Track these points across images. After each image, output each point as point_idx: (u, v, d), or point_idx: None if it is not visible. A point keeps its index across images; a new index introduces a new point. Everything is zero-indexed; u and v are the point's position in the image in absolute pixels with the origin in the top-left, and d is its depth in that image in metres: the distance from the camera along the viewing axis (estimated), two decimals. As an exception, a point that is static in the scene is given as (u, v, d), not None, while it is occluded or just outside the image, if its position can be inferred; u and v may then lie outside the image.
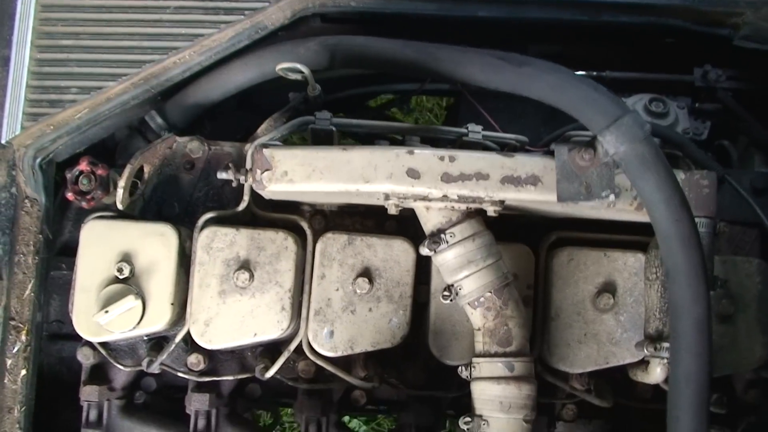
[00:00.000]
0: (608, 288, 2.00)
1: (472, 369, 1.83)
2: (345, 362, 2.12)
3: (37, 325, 2.29)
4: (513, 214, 1.99)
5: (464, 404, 1.96)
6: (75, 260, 2.15)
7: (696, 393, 1.66)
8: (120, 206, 2.08)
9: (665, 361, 1.89)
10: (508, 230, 2.00)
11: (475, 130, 2.07)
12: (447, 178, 1.81)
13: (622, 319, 1.99)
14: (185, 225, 2.11)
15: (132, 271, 2.01)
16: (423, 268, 2.06)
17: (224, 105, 2.35)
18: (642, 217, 1.90)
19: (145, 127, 2.30)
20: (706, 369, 1.66)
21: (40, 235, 2.26)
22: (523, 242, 2.05)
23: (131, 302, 1.98)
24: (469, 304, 1.83)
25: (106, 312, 1.97)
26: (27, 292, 2.26)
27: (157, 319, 2.01)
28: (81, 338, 2.28)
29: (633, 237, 2.05)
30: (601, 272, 2.01)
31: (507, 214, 1.96)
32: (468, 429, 1.82)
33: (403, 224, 2.14)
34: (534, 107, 2.37)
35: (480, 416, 1.79)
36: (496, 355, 1.80)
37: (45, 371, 2.36)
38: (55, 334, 2.41)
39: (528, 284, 2.01)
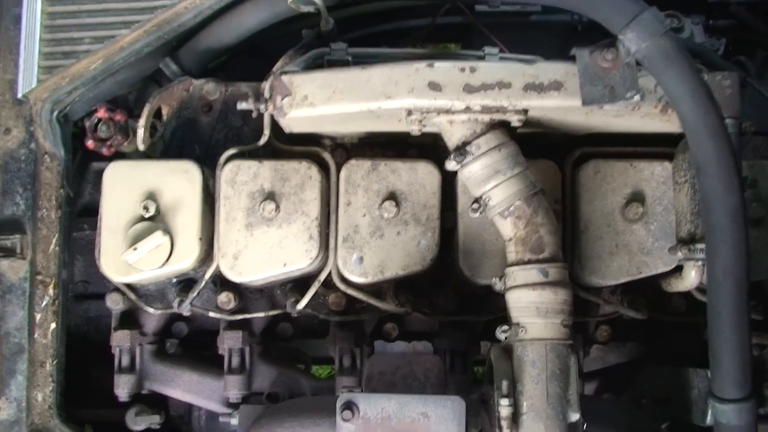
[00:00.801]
0: (636, 198, 1.98)
1: (506, 279, 1.82)
2: (376, 293, 2.11)
3: (63, 282, 2.29)
4: (536, 132, 1.98)
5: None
6: (97, 220, 2.16)
7: (736, 285, 1.64)
8: (141, 146, 2.08)
9: (700, 263, 1.88)
10: (533, 150, 1.98)
11: (491, 53, 2.06)
12: (469, 89, 1.81)
13: (653, 228, 1.98)
14: (206, 166, 2.11)
15: (158, 209, 2.01)
16: (447, 193, 2.05)
17: (237, 51, 2.35)
18: (666, 123, 1.90)
19: (161, 76, 2.29)
20: (744, 260, 1.64)
21: (62, 190, 2.26)
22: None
23: (159, 239, 1.97)
24: (499, 214, 1.82)
25: (135, 249, 1.97)
26: (52, 246, 2.26)
27: (186, 256, 2.01)
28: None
29: (657, 149, 2.04)
30: (628, 183, 2.00)
31: (530, 132, 1.96)
32: (506, 337, 1.81)
33: (424, 152, 2.13)
34: (549, 35, 2.37)
35: (517, 324, 1.78)
36: (529, 262, 1.79)
37: (72, 332, 2.36)
38: (80, 295, 2.42)
39: (556, 199, 2.00)
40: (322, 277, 2.05)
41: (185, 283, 2.20)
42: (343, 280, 2.07)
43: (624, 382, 2.29)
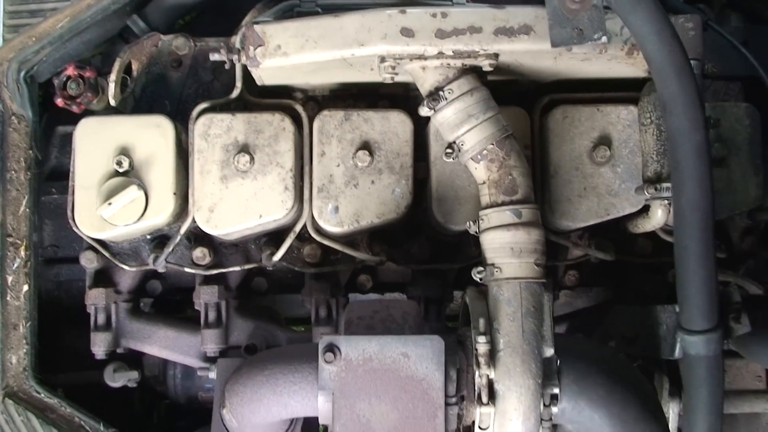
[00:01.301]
0: (604, 141, 2.03)
1: (481, 222, 1.86)
2: (350, 245, 2.14)
3: (34, 244, 2.28)
4: (506, 79, 2.02)
5: (470, 278, 1.99)
6: (65, 184, 2.15)
7: (702, 219, 1.69)
8: (112, 102, 2.07)
9: (666, 202, 1.93)
10: (503, 99, 2.02)
11: (459, 2, 2.09)
12: (441, 34, 1.83)
13: (620, 170, 2.03)
14: (178, 122, 2.10)
15: (131, 164, 2.01)
16: (419, 144, 2.08)
17: (203, 9, 2.35)
18: (632, 67, 1.95)
19: (128, 34, 2.28)
20: (709, 195, 1.69)
21: (31, 152, 2.25)
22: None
23: (134, 193, 1.97)
24: (472, 158, 1.85)
25: (110, 204, 1.97)
26: (22, 208, 2.25)
27: (161, 210, 2.02)
28: (77, 261, 2.29)
29: (622, 93, 2.08)
30: (595, 126, 2.04)
31: (500, 80, 1.99)
32: (481, 279, 1.85)
33: (395, 103, 2.16)
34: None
35: (492, 264, 1.82)
36: (503, 204, 1.83)
37: (43, 297, 2.35)
38: (51, 259, 2.41)
39: (525, 145, 2.04)
40: (298, 228, 2.08)
41: (159, 240, 2.21)
42: (318, 231, 2.09)
43: (592, 324, 2.35)
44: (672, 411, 2.12)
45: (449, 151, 1.88)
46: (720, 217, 2.06)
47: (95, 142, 2.03)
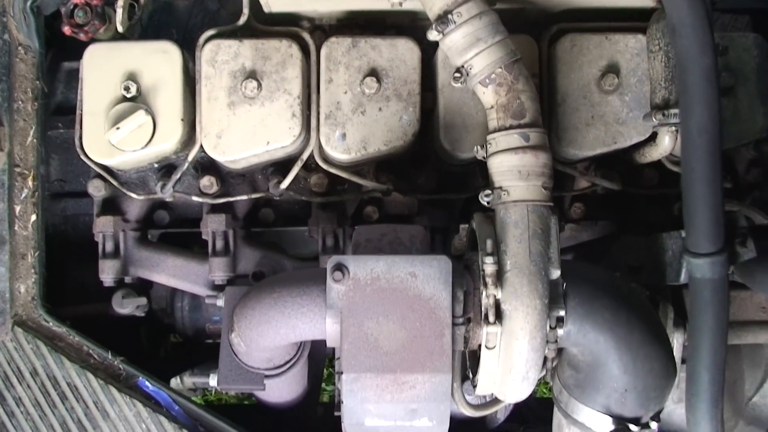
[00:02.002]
0: (612, 69, 2.03)
1: (488, 146, 1.86)
2: (356, 175, 2.14)
3: (42, 176, 2.29)
4: (514, 8, 2.01)
5: (476, 210, 2.00)
6: (72, 118, 2.15)
7: (709, 141, 1.69)
8: (120, 28, 2.07)
9: (673, 128, 1.94)
10: (511, 27, 2.01)
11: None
12: (450, -45, 1.82)
13: (627, 99, 2.03)
14: (185, 51, 2.10)
15: (138, 90, 2.01)
16: (426, 74, 2.08)
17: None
18: (640, -5, 1.95)
19: (134, -38, 2.27)
20: (717, 118, 1.69)
21: (38, 82, 2.25)
22: (526, 36, 2.08)
23: (142, 118, 1.98)
24: (480, 82, 1.85)
25: (117, 129, 1.97)
26: (29, 139, 2.25)
27: (169, 136, 2.02)
28: (84, 195, 2.30)
29: (631, 23, 2.07)
30: (603, 55, 2.04)
31: (508, 9, 1.98)
32: (488, 202, 1.86)
33: (402, 33, 2.14)
34: None
35: (500, 188, 1.82)
36: (511, 127, 1.82)
37: (50, 231, 2.36)
38: (57, 194, 2.42)
39: (533, 73, 2.03)
40: (305, 156, 2.08)
41: (167, 169, 2.21)
42: (325, 160, 2.10)
43: (598, 255, 2.36)
44: (676, 341, 2.13)
45: (457, 75, 1.88)
46: (727, 147, 2.05)
47: (103, 68, 2.03)
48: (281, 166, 2.19)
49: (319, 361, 2.59)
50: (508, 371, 1.78)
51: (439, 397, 1.78)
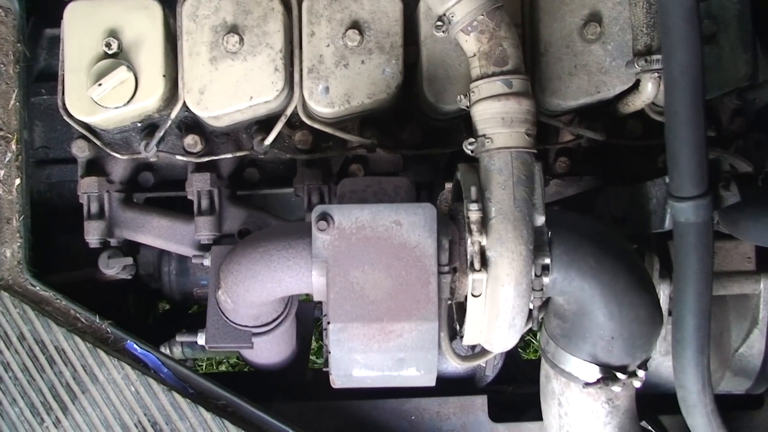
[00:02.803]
0: (594, 18, 2.03)
1: (471, 94, 1.85)
2: (341, 130, 2.13)
3: (26, 142, 2.28)
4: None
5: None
6: (55, 84, 2.14)
7: (692, 83, 1.68)
8: (99, -16, 2.05)
9: (656, 75, 1.93)
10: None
11: None
12: None
13: (610, 47, 2.03)
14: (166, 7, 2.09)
15: (120, 46, 2.00)
16: (409, 30, 2.07)
17: None
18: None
19: None
20: (700, 60, 1.68)
21: (19, 45, 2.23)
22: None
23: (123, 74, 1.97)
24: (462, 30, 1.84)
25: (100, 85, 1.96)
26: (12, 102, 2.24)
27: (151, 92, 2.01)
28: (69, 162, 2.29)
29: (612, -28, 2.07)
30: (585, 3, 2.03)
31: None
32: (472, 150, 1.85)
33: (384, -12, 2.14)
34: None
35: (483, 135, 1.82)
36: (493, 75, 1.82)
37: (35, 198, 2.35)
38: (41, 161, 2.41)
39: (515, 23, 2.02)
40: (288, 111, 2.07)
41: (150, 129, 2.20)
42: (309, 116, 2.09)
43: (583, 208, 2.37)
44: (663, 292, 2.14)
45: (439, 23, 1.87)
46: (710, 96, 2.06)
47: (83, 25, 2.02)
48: (265, 124, 2.18)
49: (308, 324, 2.59)
50: (494, 318, 1.78)
51: (426, 345, 1.78)
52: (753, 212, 2.00)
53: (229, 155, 2.20)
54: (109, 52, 1.99)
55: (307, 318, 2.54)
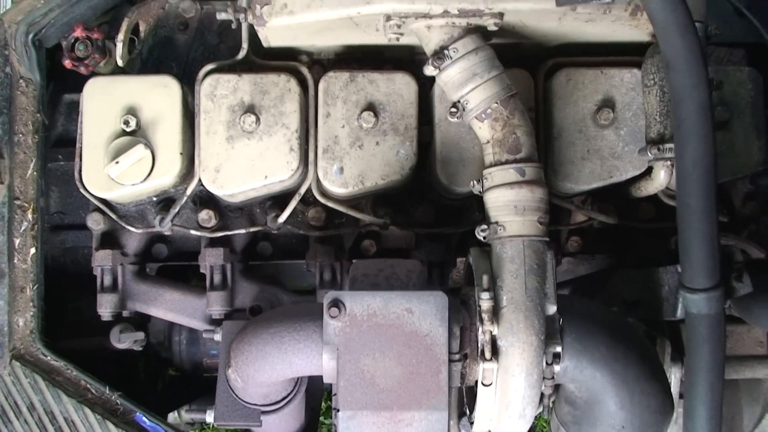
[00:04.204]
0: (607, 103, 2.04)
1: (484, 180, 1.87)
2: (354, 209, 2.15)
3: (41, 209, 2.30)
4: (510, 42, 2.02)
5: (472, 244, 2.00)
6: (71, 151, 2.16)
7: (704, 175, 1.69)
8: (120, 62, 2.09)
9: (669, 163, 1.94)
10: (507, 61, 2.03)
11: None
12: (447, -7, 1.84)
13: (623, 133, 2.05)
14: (185, 84, 2.12)
15: (138, 124, 2.03)
16: (423, 108, 2.09)
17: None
18: (635, 30, 1.96)
19: (136, -3, 2.30)
20: (712, 152, 1.69)
21: (38, 115, 2.26)
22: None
23: (141, 152, 1.99)
24: (476, 117, 1.86)
25: (117, 163, 1.98)
26: (29, 171, 2.26)
27: (168, 170, 2.03)
28: (83, 228, 2.31)
29: (625, 58, 2.09)
30: (599, 89, 2.05)
31: (504, 43, 2.00)
32: (485, 237, 1.86)
33: (399, 67, 2.16)
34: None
35: (496, 223, 1.83)
36: (507, 162, 1.84)
37: (49, 263, 2.37)
38: (57, 226, 2.43)
39: (529, 107, 2.04)
40: (303, 190, 2.09)
41: (165, 203, 2.22)
42: (323, 194, 2.11)
43: (595, 289, 2.36)
44: (674, 376, 2.14)
45: (454, 110, 1.89)
46: (722, 181, 2.06)
47: (103, 102, 2.04)
48: (279, 200, 2.20)
49: (317, 395, 2.57)
50: (505, 408, 1.77)
51: (436, 434, 1.77)
52: (766, 300, 1.99)
53: (242, 231, 2.21)
54: (127, 129, 2.02)
55: (317, 389, 2.52)
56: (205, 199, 2.21)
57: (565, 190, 2.10)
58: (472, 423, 1.87)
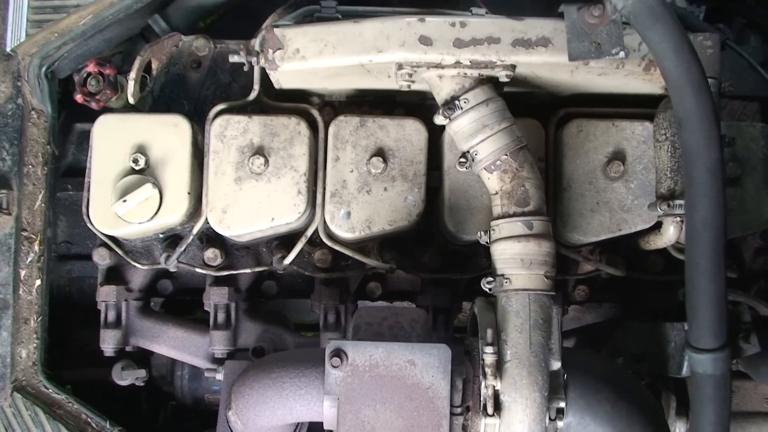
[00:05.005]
0: (618, 156, 2.03)
1: (492, 232, 1.86)
2: (360, 252, 2.14)
3: (48, 239, 2.30)
4: (522, 91, 2.02)
5: (479, 289, 1.99)
6: (80, 181, 2.16)
7: (714, 236, 1.68)
8: (131, 99, 2.09)
9: (678, 219, 1.93)
10: (518, 110, 2.02)
11: (479, 12, 2.09)
12: (459, 44, 1.84)
13: (633, 186, 2.03)
14: (195, 123, 2.12)
15: (147, 162, 2.03)
16: (432, 153, 2.08)
17: (224, 11, 2.37)
18: (648, 83, 1.95)
19: (149, 33, 2.30)
20: (722, 213, 1.68)
21: (48, 147, 2.26)
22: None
23: (149, 191, 1.99)
24: (485, 168, 1.85)
25: (124, 201, 1.98)
26: (38, 203, 2.26)
27: (175, 209, 2.03)
28: (90, 258, 2.31)
29: (637, 110, 2.08)
30: (610, 141, 2.04)
31: (516, 92, 1.99)
32: (490, 289, 1.85)
33: (411, 111, 2.16)
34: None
35: (502, 275, 1.82)
36: (514, 215, 1.83)
37: (55, 292, 2.37)
38: (64, 255, 2.43)
39: (539, 157, 2.04)
40: (309, 232, 2.08)
41: (171, 240, 2.22)
42: (330, 236, 2.10)
43: (601, 340, 2.35)
44: (679, 430, 2.11)
45: (463, 160, 1.89)
46: (732, 237, 2.05)
47: (112, 139, 2.04)
48: (286, 240, 2.19)
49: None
50: (507, 464, 1.75)
51: (436, 488, 1.75)
52: (773, 359, 1.97)
53: (248, 270, 2.20)
54: (136, 167, 2.01)
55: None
56: (211, 237, 2.21)
57: (573, 241, 2.08)
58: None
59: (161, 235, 2.21)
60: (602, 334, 2.36)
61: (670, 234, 1.96)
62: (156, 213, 2.01)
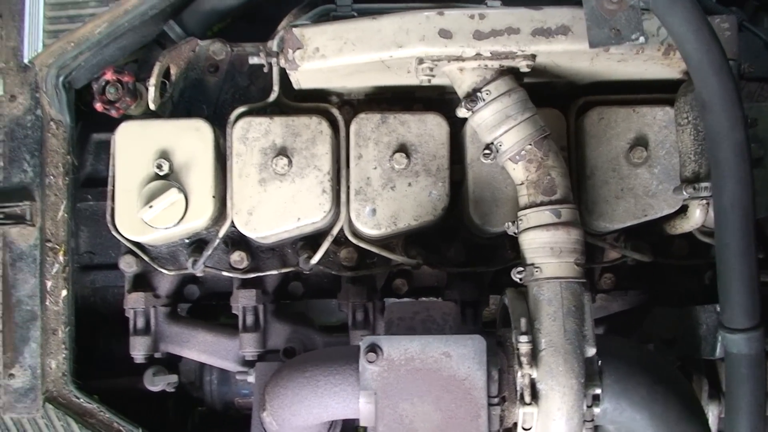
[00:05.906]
0: (640, 142, 2.03)
1: (519, 222, 1.86)
2: (386, 248, 2.14)
3: (72, 250, 2.30)
4: (542, 81, 2.02)
5: (505, 282, 2.00)
6: (100, 191, 2.17)
7: (743, 216, 1.68)
8: (152, 105, 2.10)
9: (704, 201, 1.93)
10: (538, 101, 2.02)
11: (494, 4, 2.09)
12: (479, 36, 1.84)
13: (656, 171, 2.03)
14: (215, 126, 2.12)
15: (171, 167, 2.03)
16: (455, 147, 2.08)
17: (239, 15, 2.37)
18: (667, 68, 1.96)
19: (165, 39, 2.31)
20: (750, 193, 1.68)
21: (69, 157, 2.27)
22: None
23: (174, 196, 1.99)
24: (510, 159, 1.86)
25: (150, 207, 1.98)
26: (60, 213, 2.27)
27: (201, 213, 2.03)
28: (113, 267, 2.31)
29: (658, 95, 2.08)
30: (631, 128, 2.04)
31: (536, 82, 2.00)
32: (521, 279, 1.85)
33: (430, 107, 2.16)
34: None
35: (532, 264, 1.82)
36: (542, 204, 1.83)
37: (79, 303, 2.37)
38: (86, 266, 2.43)
39: (562, 147, 2.03)
40: (335, 231, 2.09)
41: (197, 244, 2.22)
42: (355, 234, 2.10)
43: (630, 327, 2.34)
44: (711, 413, 2.11)
45: (487, 152, 1.89)
46: (758, 217, 2.04)
47: (135, 146, 2.05)
48: (311, 240, 2.20)
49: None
50: (545, 452, 1.76)
51: (475, 479, 1.76)
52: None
53: (274, 272, 2.21)
54: (160, 173, 2.02)
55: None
56: (236, 240, 2.21)
57: (599, 228, 2.08)
58: (511, 467, 1.85)
59: (186, 240, 2.21)
60: (631, 321, 2.36)
61: (696, 217, 1.97)
62: (182, 218, 2.01)
